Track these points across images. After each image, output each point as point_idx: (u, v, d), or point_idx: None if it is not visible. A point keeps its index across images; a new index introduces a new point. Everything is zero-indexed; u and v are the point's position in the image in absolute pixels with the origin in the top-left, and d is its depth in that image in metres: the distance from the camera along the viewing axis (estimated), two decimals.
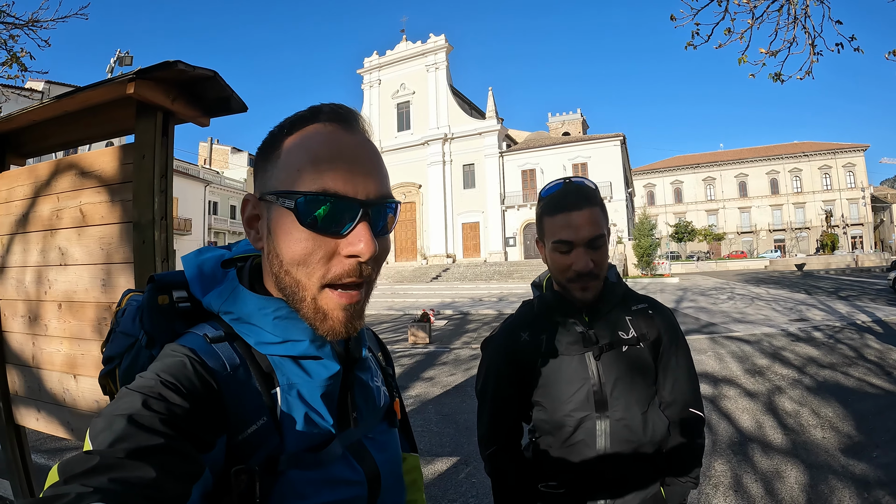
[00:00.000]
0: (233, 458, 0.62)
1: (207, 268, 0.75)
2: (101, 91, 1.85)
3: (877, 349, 8.49)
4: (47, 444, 4.72)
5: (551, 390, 1.40)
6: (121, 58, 14.53)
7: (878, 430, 4.90)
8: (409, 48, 48.16)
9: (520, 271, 34.18)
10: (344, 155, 0.66)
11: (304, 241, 0.64)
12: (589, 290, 1.33)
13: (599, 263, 1.31)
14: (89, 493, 0.43)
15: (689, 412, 1.44)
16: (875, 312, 12.97)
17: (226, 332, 0.69)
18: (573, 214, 1.29)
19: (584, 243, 1.28)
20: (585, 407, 1.35)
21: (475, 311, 17.36)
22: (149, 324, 0.72)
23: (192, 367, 0.62)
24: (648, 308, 1.45)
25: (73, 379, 2.17)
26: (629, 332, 1.39)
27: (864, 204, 58.50)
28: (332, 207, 0.63)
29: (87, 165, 2.11)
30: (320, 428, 0.68)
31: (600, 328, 1.38)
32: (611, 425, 1.34)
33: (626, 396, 1.35)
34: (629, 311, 1.42)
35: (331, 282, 0.65)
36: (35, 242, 2.28)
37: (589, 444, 1.35)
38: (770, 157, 63.47)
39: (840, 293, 18.73)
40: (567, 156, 42.60)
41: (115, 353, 0.77)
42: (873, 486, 3.76)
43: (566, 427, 1.37)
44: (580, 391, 1.36)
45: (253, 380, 0.67)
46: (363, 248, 0.64)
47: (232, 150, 56.21)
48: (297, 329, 0.68)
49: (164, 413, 0.55)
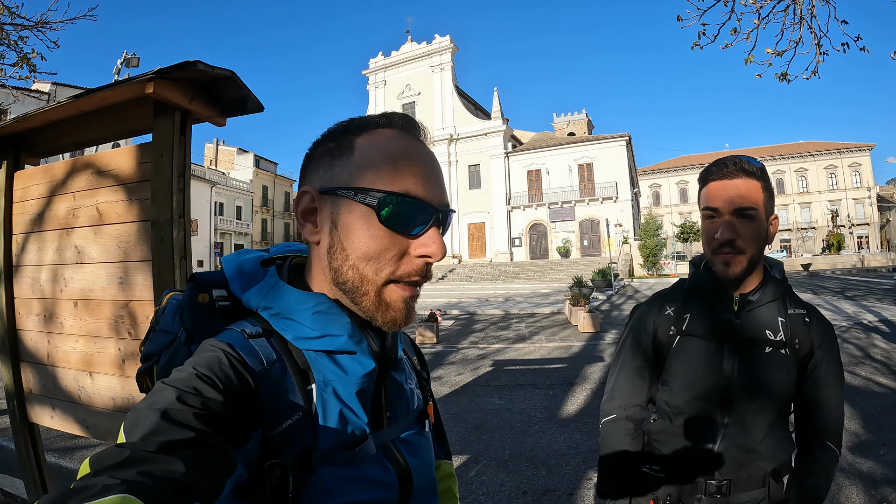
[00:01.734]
0: (267, 452, 0.62)
1: (247, 267, 0.77)
2: (119, 91, 1.87)
3: (883, 348, 8.47)
4: (58, 442, 4.75)
5: (681, 373, 1.34)
6: (127, 59, 14.58)
7: (884, 428, 4.91)
8: (415, 49, 48.31)
9: (525, 272, 34.15)
10: (422, 161, 0.70)
11: (381, 238, 0.66)
12: (731, 265, 1.24)
13: (745, 236, 1.22)
14: (117, 484, 0.43)
15: (826, 445, 1.31)
16: (881, 312, 12.92)
17: (263, 329, 0.70)
18: (724, 182, 1.24)
19: (731, 211, 1.22)
20: (710, 400, 1.29)
21: (482, 312, 17.36)
22: (188, 321, 0.73)
23: (229, 361, 0.62)
24: (807, 315, 1.32)
25: (88, 377, 2.19)
26: (777, 335, 1.27)
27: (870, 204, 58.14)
28: (411, 208, 0.66)
29: (104, 165, 2.12)
30: (354, 426, 0.69)
31: (747, 321, 1.29)
32: (730, 427, 1.27)
33: (756, 402, 1.27)
34: (784, 313, 1.30)
35: (398, 278, 0.67)
36: (51, 241, 2.30)
37: (703, 438, 1.29)
38: (775, 156, 63.15)
39: (846, 293, 18.66)
40: (573, 156, 42.65)
41: (153, 350, 0.78)
42: (880, 483, 3.77)
43: (685, 415, 1.32)
44: (708, 381, 1.29)
45: (289, 375, 0.67)
46: (435, 250, 0.67)
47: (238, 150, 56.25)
48: (336, 324, 0.69)
49: (198, 407, 0.55)
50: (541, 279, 31.08)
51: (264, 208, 55.74)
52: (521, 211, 43.55)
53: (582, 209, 41.70)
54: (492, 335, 12.25)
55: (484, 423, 5.42)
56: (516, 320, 15.11)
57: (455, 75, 46.89)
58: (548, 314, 16.05)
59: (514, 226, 43.67)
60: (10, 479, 3.72)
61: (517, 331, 12.82)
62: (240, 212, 50.96)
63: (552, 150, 43.54)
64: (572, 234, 42.01)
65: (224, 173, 51.38)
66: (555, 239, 42.70)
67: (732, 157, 1.25)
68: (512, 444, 4.78)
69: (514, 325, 14.07)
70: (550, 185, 43.06)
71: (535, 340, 11.09)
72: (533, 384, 7.05)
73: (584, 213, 41.62)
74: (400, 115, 0.73)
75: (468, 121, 45.26)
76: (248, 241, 51.39)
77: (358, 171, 0.67)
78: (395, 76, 49.49)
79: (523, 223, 43.50)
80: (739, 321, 1.29)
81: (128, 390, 2.06)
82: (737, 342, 1.28)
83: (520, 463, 4.34)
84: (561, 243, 42.11)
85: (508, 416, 5.68)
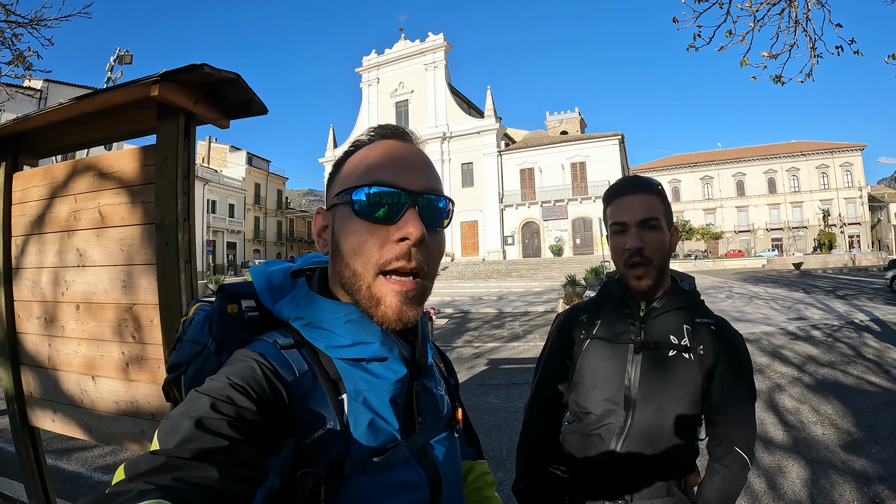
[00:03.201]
0: (299, 461, 0.63)
1: (276, 279, 0.79)
2: (123, 92, 1.85)
3: (875, 347, 8.57)
4: (55, 444, 4.71)
5: (588, 374, 1.42)
6: (121, 56, 14.46)
7: (876, 426, 4.98)
8: (408, 47, 48.29)
9: (518, 270, 34.26)
10: (394, 155, 0.73)
11: (360, 231, 0.69)
12: (643, 278, 1.32)
13: (651, 246, 1.31)
14: (151, 490, 0.44)
15: (735, 452, 1.33)
16: (873, 311, 13.05)
17: (295, 340, 0.71)
18: (628, 198, 1.34)
19: (637, 223, 1.31)
20: (614, 400, 1.35)
21: (476, 310, 17.35)
22: (218, 331, 0.74)
23: (262, 371, 0.64)
24: (713, 325, 1.37)
25: (91, 380, 2.17)
26: (682, 339, 1.34)
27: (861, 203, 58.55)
28: (383, 196, 0.68)
29: (107, 167, 2.11)
30: (386, 433, 0.70)
31: (652, 326, 1.36)
32: (633, 427, 1.32)
33: (657, 403, 1.31)
34: (691, 322, 1.36)
35: (383, 267, 0.69)
36: (51, 243, 2.28)
37: (605, 438, 1.34)
38: (768, 156, 63.47)
39: (838, 292, 18.80)
40: (565, 154, 42.78)
41: (181, 360, 0.79)
42: (873, 480, 3.83)
43: (591, 415, 1.38)
44: (612, 383, 1.36)
45: (320, 386, 0.68)
46: (411, 230, 0.68)
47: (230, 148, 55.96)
48: (368, 332, 0.70)
49: (231, 416, 0.56)
50: (534, 277, 31.20)
51: (257, 206, 55.60)
52: (514, 209, 43.66)
53: (575, 208, 41.85)
54: (486, 334, 12.27)
55: (481, 423, 5.43)
56: (510, 319, 15.12)
57: (448, 73, 46.94)
58: (541, 312, 16.06)
59: (507, 224, 43.81)
60: (9, 482, 3.69)
61: (511, 329, 12.84)
62: (232, 209, 50.77)
63: (545, 149, 43.71)
64: (565, 233, 42.20)
65: (216, 171, 51.16)
66: (547, 237, 42.86)
67: (633, 177, 1.38)
68: (509, 443, 4.78)
69: (508, 323, 14.09)
70: (543, 184, 43.20)
71: (529, 339, 11.11)
72: (528, 383, 6.96)
73: (577, 212, 41.78)
74: (388, 125, 0.78)
75: (461, 119, 45.33)
76: (240, 238, 51.26)
77: (343, 180, 0.73)
78: (389, 74, 49.47)
79: (516, 221, 43.61)
80: (645, 326, 1.37)
81: (131, 394, 2.05)
82: (640, 345, 1.35)
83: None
84: (554, 242, 42.27)
85: (505, 414, 5.70)
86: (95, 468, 4.36)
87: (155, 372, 2.00)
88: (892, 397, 5.86)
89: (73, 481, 4.05)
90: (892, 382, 6.46)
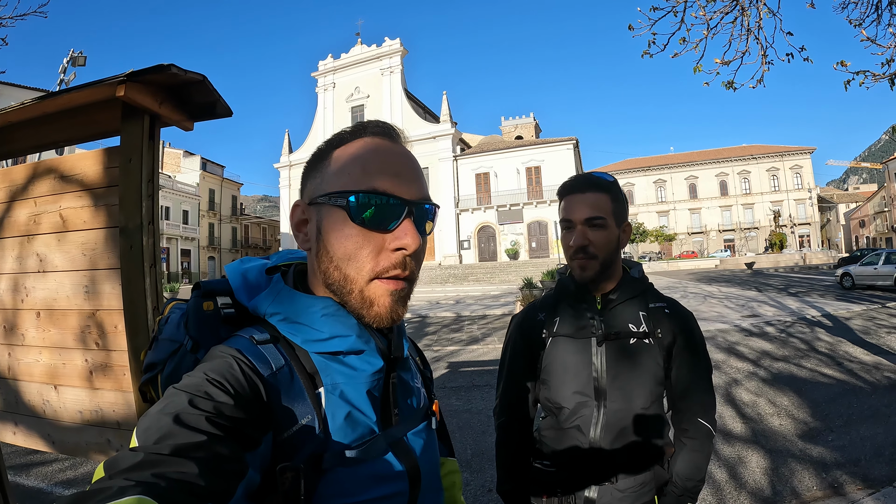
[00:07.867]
0: (279, 455, 0.64)
1: (252, 276, 0.78)
2: (87, 92, 1.81)
3: (827, 341, 8.94)
4: (13, 459, 4.52)
5: (555, 371, 1.46)
6: (74, 58, 13.99)
7: (831, 415, 5.21)
8: (364, 52, 48.16)
9: (475, 274, 34.35)
10: (391, 160, 0.73)
11: (355, 237, 0.69)
12: (587, 269, 1.39)
13: (596, 243, 1.37)
14: (132, 486, 0.45)
15: (698, 422, 1.44)
16: (824, 307, 13.62)
17: (271, 335, 0.72)
18: (576, 196, 1.40)
19: (582, 221, 1.37)
20: (584, 393, 1.40)
21: (433, 314, 17.31)
22: (194, 329, 0.74)
23: (239, 366, 0.64)
24: (666, 307, 1.46)
25: (53, 390, 2.10)
26: (640, 327, 1.41)
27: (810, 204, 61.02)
28: (381, 205, 0.69)
29: (68, 169, 2.05)
30: (364, 425, 0.71)
31: (610, 317, 1.43)
32: (607, 415, 1.38)
33: (626, 389, 1.38)
34: (646, 308, 1.44)
35: (379, 275, 0.70)
36: (10, 249, 2.20)
37: (583, 429, 1.39)
38: (719, 159, 65.57)
39: (790, 290, 19.54)
40: (521, 159, 43.29)
41: (157, 359, 0.78)
42: (831, 467, 4.01)
43: (565, 409, 1.42)
44: (581, 376, 1.41)
45: (297, 380, 0.69)
46: (409, 241, 0.69)
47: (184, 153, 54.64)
48: (344, 325, 0.71)
49: (209, 411, 0.57)
50: (490, 281, 31.33)
51: (211, 212, 54.48)
52: (470, 214, 43.90)
53: (530, 211, 42.31)
54: (445, 337, 12.28)
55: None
56: (468, 322, 15.15)
57: (404, 79, 47.03)
58: (499, 315, 16.13)
59: (463, 228, 44.02)
60: None
61: (470, 332, 12.87)
62: (186, 216, 49.65)
63: (500, 154, 44.15)
64: (521, 237, 42.61)
65: (170, 176, 49.93)
66: (503, 241, 43.20)
67: (585, 175, 1.45)
68: (473, 444, 4.85)
69: (467, 326, 14.12)
70: (499, 188, 43.56)
71: (488, 342, 11.16)
72: (489, 384, 7.12)
73: (533, 216, 42.24)
74: (374, 122, 0.77)
75: (417, 124, 45.32)
76: (194, 245, 50.07)
77: (333, 178, 0.72)
78: (345, 79, 49.24)
79: (472, 226, 43.85)
80: (604, 318, 1.44)
81: (96, 403, 2.00)
82: (603, 337, 1.41)
83: (482, 462, 4.42)
84: (510, 245, 42.63)
85: (467, 416, 5.74)
86: (56, 483, 4.22)
87: (120, 379, 1.95)
88: (846, 388, 6.14)
89: (34, 497, 3.91)
90: (845, 374, 6.77)
